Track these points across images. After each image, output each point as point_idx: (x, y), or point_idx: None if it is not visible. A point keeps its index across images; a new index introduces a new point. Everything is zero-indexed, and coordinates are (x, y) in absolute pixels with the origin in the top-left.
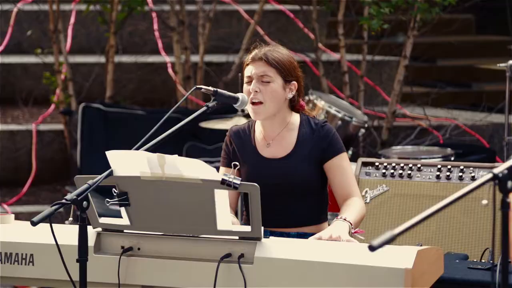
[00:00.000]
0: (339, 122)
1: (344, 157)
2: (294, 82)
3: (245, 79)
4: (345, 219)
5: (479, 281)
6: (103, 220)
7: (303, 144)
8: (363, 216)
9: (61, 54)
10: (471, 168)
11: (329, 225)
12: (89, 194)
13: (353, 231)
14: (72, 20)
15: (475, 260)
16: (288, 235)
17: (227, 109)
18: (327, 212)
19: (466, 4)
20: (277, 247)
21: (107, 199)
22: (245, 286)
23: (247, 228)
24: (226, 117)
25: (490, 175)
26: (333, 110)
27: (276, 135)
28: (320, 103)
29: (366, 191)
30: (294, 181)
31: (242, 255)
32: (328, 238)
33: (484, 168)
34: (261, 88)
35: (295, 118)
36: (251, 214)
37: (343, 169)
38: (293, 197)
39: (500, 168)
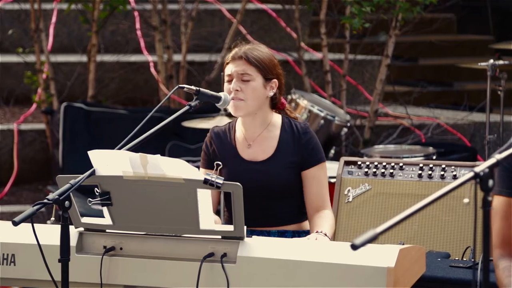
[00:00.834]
0: (322, 121)
1: (322, 167)
2: (275, 80)
3: (226, 78)
4: (325, 234)
5: (461, 280)
6: (85, 220)
7: (284, 149)
8: (334, 229)
9: (42, 53)
10: (453, 167)
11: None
12: (71, 193)
13: None
14: (54, 19)
15: (456, 258)
16: (268, 233)
17: (209, 108)
18: (306, 211)
19: (448, 3)
20: (260, 247)
21: (89, 199)
22: (228, 286)
23: (230, 228)
24: (208, 116)
25: (471, 174)
26: (315, 109)
27: (257, 135)
28: (303, 102)
29: (349, 190)
30: (272, 184)
31: (225, 255)
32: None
33: (466, 167)
34: (241, 86)
35: (277, 119)
36: (234, 214)
37: (319, 180)
38: (273, 198)
39: (481, 166)
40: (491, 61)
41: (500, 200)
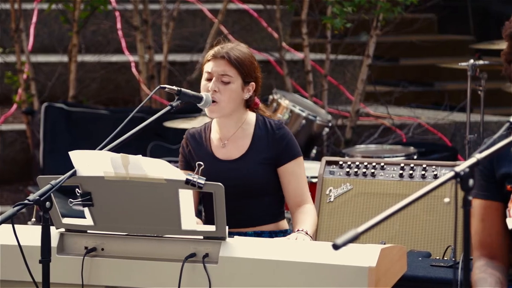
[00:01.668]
0: (303, 121)
1: (299, 162)
2: (253, 83)
3: (205, 75)
4: (306, 233)
5: (441, 279)
6: (66, 220)
7: (258, 145)
8: (316, 224)
9: (23, 53)
10: (434, 167)
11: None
12: (52, 194)
13: None
14: (34, 19)
15: (437, 257)
16: (245, 234)
17: (191, 108)
18: (284, 210)
19: (428, 3)
20: (241, 247)
21: (70, 200)
22: (210, 286)
23: (212, 228)
24: (190, 117)
25: (452, 174)
26: (297, 109)
27: (231, 135)
28: (284, 102)
29: (330, 190)
30: (248, 182)
31: (206, 255)
32: None
33: (446, 167)
34: (220, 88)
35: (251, 117)
36: (216, 214)
37: (297, 174)
38: (249, 197)
39: (462, 166)
40: (472, 61)
41: (476, 202)
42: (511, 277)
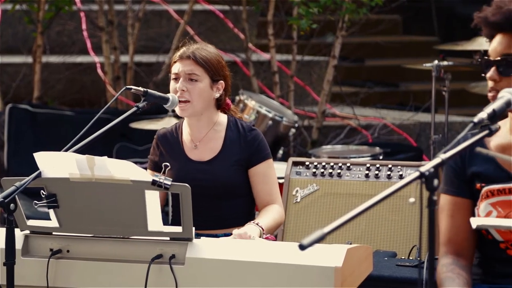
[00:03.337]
0: (270, 122)
1: (269, 163)
2: (222, 82)
3: (172, 76)
4: (257, 224)
5: (407, 278)
6: (31, 222)
7: (230, 147)
8: (279, 223)
9: None
10: (399, 167)
11: None
12: (16, 196)
13: (264, 237)
14: None
15: (403, 257)
16: (215, 237)
17: (157, 109)
18: (255, 213)
19: (393, 4)
20: (208, 248)
21: (35, 201)
22: (177, 287)
23: (178, 229)
24: (156, 118)
25: (417, 174)
26: (263, 110)
27: (203, 136)
28: (251, 103)
29: (297, 191)
30: (219, 184)
31: (173, 256)
32: (238, 236)
33: (412, 167)
34: (188, 87)
35: (222, 118)
36: (182, 215)
37: (267, 176)
38: (219, 199)
39: (427, 166)
40: (436, 62)
41: (446, 198)
42: (475, 276)
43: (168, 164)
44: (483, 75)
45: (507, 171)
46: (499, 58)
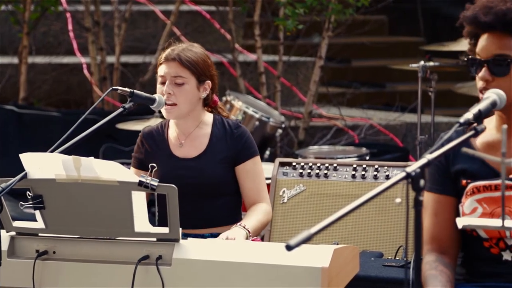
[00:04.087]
0: (257, 123)
1: (256, 161)
2: (208, 82)
3: (159, 79)
4: (244, 227)
5: (393, 279)
6: (17, 223)
7: (216, 144)
8: (266, 223)
9: None
10: (385, 167)
11: None
12: (2, 197)
13: (251, 239)
14: None
15: (389, 257)
16: (202, 236)
17: (144, 110)
18: (241, 212)
19: (379, 5)
20: (195, 248)
21: (21, 203)
22: None
23: (165, 230)
24: (143, 118)
25: (403, 174)
26: (250, 111)
27: (189, 134)
28: (238, 103)
29: (284, 191)
30: (206, 181)
31: (160, 257)
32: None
33: (398, 167)
34: (174, 90)
35: (208, 117)
36: (169, 216)
37: (254, 173)
38: (206, 197)
39: (413, 167)
40: (422, 62)
41: (430, 196)
42: (459, 276)
43: (154, 165)
44: (472, 75)
45: (493, 168)
46: (491, 58)
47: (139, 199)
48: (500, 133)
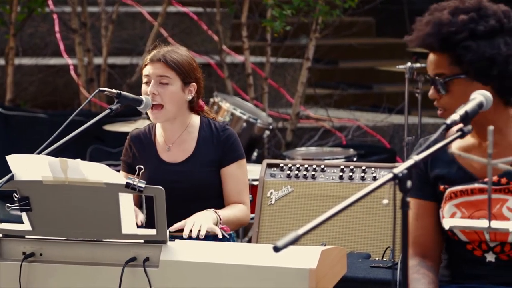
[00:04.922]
0: (244, 124)
1: (241, 164)
2: (194, 84)
3: (144, 79)
4: (215, 211)
5: (381, 280)
6: (3, 225)
7: (203, 147)
8: (241, 221)
9: None
10: (373, 169)
11: None
12: None
13: (220, 226)
14: None
15: (377, 259)
16: (190, 238)
17: (131, 111)
18: None
19: (366, 7)
20: (182, 250)
21: (8, 204)
22: None
23: (153, 232)
24: (130, 120)
25: (390, 175)
26: (238, 112)
27: (176, 138)
28: (225, 105)
29: (271, 193)
30: (193, 184)
31: (147, 259)
32: (183, 224)
33: (385, 168)
34: (159, 90)
35: (195, 120)
36: (156, 218)
37: (237, 177)
38: (194, 201)
39: (400, 168)
40: (409, 64)
41: (411, 201)
42: (444, 278)
43: (142, 166)
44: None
45: (469, 172)
46: (433, 77)
47: (126, 201)
48: (474, 138)
